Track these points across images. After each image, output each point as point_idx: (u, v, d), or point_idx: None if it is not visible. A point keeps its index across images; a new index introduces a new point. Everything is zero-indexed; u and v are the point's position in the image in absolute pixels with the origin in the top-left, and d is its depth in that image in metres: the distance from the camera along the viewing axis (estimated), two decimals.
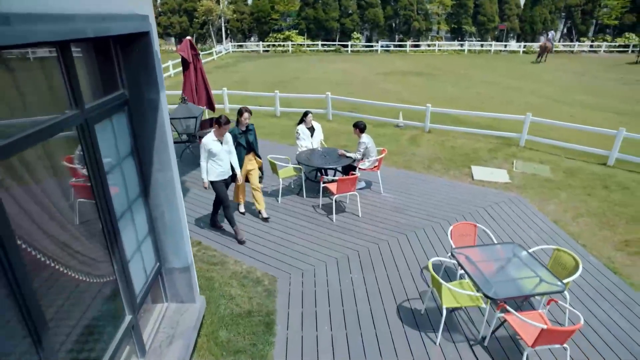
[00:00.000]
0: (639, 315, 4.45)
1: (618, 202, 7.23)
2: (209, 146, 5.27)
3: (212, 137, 5.30)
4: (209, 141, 5.27)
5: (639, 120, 12.71)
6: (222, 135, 5.34)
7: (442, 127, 11.43)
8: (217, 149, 5.33)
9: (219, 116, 5.23)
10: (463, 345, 3.96)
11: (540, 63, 29.28)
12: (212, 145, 5.28)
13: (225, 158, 5.44)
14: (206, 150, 5.29)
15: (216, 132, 5.30)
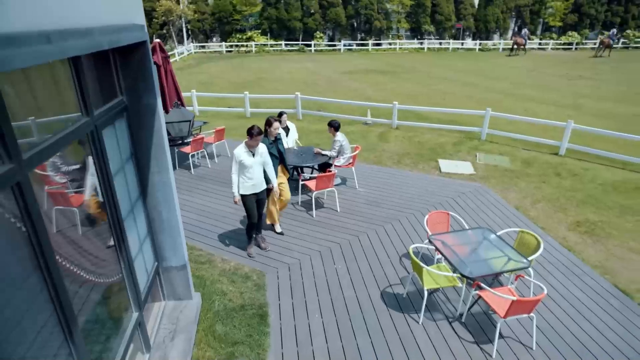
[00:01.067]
0: (591, 286, 5.02)
1: (569, 188, 7.94)
2: (240, 158, 4.95)
3: (243, 149, 4.98)
4: (240, 152, 4.96)
5: (581, 112, 13.77)
6: (254, 146, 5.00)
7: (408, 124, 11.94)
8: (249, 161, 4.99)
9: (251, 126, 4.89)
10: (443, 323, 4.34)
11: (512, 56, 32.15)
12: (243, 157, 4.95)
13: (258, 170, 5.10)
14: (237, 162, 4.99)
15: (248, 142, 4.97)
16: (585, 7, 39.30)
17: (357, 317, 4.43)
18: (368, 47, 36.06)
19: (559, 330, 4.29)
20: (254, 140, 4.93)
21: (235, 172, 5.04)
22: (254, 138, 4.90)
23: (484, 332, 4.22)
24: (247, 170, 5.02)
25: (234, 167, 5.04)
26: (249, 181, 5.08)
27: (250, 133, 4.88)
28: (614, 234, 6.35)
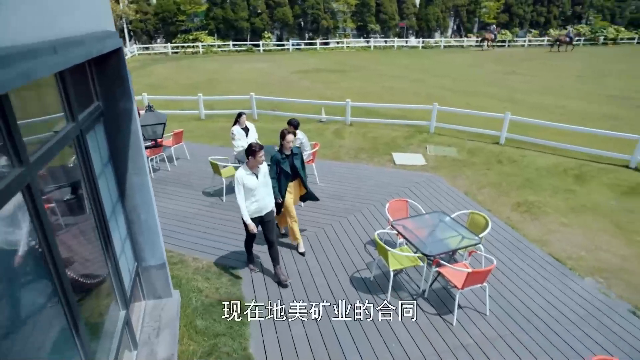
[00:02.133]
0: (532, 257, 5.69)
1: (509, 174, 8.74)
2: (244, 181, 4.53)
3: (245, 171, 4.55)
4: (243, 175, 4.53)
5: (516, 105, 14.99)
6: (257, 166, 4.56)
7: (362, 120, 12.44)
8: (253, 183, 4.57)
9: (250, 145, 4.48)
10: (408, 300, 4.76)
11: (483, 50, 35.93)
12: (247, 180, 4.53)
13: (263, 192, 4.71)
14: (241, 185, 4.55)
15: (250, 163, 4.51)
16: (514, 8, 42.29)
17: (329, 301, 4.73)
18: (316, 47, 36.56)
19: (507, 297, 4.85)
20: (256, 160, 4.48)
21: (242, 197, 4.58)
22: (257, 156, 4.45)
23: (445, 305, 4.68)
24: (252, 193, 4.62)
25: (239, 191, 4.56)
26: (254, 203, 4.68)
27: (252, 152, 4.43)
28: (548, 211, 7.13)
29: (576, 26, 43.77)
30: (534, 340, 4.24)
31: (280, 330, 4.31)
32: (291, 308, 4.58)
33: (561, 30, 41.38)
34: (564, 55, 32.79)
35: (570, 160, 9.47)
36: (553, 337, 4.29)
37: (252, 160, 4.48)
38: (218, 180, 7.64)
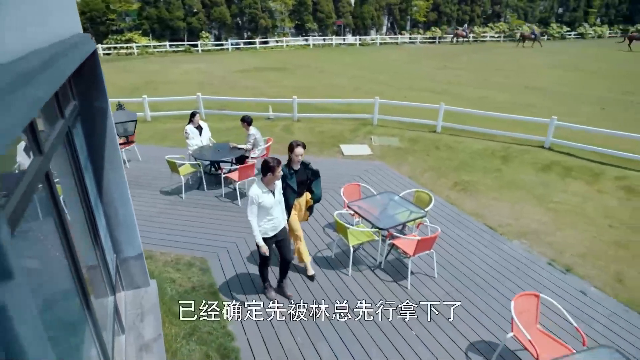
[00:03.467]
0: (470, 228, 6.51)
1: (446, 158, 9.67)
2: (260, 199, 4.19)
3: (261, 189, 4.21)
4: (259, 194, 4.18)
5: (450, 97, 16.28)
6: (273, 182, 4.27)
7: (309, 116, 12.93)
8: (270, 202, 4.24)
9: (266, 161, 4.14)
10: (367, 272, 5.33)
11: (454, 45, 38.62)
12: (263, 198, 4.20)
13: (278, 210, 4.41)
14: (256, 204, 4.21)
15: (267, 180, 4.19)
16: (442, 6, 44.97)
17: (296, 279, 5.17)
18: (256, 46, 36.53)
19: (451, 261, 5.58)
20: (275, 176, 4.18)
21: (254, 217, 4.25)
22: (276, 172, 4.15)
23: (399, 272, 5.30)
24: (268, 212, 4.29)
25: (251, 210, 4.23)
26: (268, 223, 4.35)
27: (270, 168, 4.10)
28: (481, 189, 8.07)
29: (497, 24, 47.50)
30: (474, 293, 4.97)
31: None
32: (261, 288, 4.95)
33: (525, 28, 45.05)
34: (488, 51, 35.58)
35: (497, 144, 10.63)
36: (489, 289, 5.06)
37: (269, 176, 4.15)
38: (176, 178, 7.76)
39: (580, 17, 50.62)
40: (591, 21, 51.25)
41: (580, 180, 8.56)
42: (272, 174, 4.13)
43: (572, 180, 8.54)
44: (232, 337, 4.27)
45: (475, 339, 4.32)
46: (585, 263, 5.74)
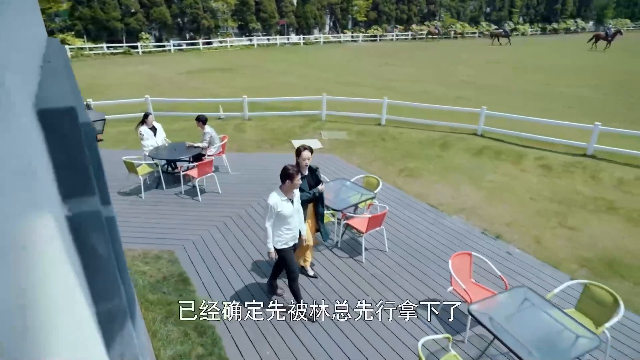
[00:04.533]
0: (415, 207, 7.24)
1: (392, 148, 10.45)
2: (279, 208, 4.10)
3: (280, 197, 4.13)
4: (278, 202, 4.10)
5: (393, 92, 17.27)
6: (292, 190, 4.21)
7: (259, 114, 13.27)
8: (289, 210, 4.16)
9: (285, 168, 4.08)
10: (326, 251, 5.85)
11: (427, 42, 40.20)
12: (282, 206, 4.11)
13: (297, 218, 4.35)
14: (274, 213, 4.12)
15: (286, 188, 4.12)
16: (381, 6, 46.71)
17: (263, 265, 5.58)
18: (199, 47, 35.97)
19: (400, 237, 6.25)
20: (294, 184, 4.10)
21: (270, 224, 4.18)
22: (295, 180, 4.07)
23: (354, 250, 5.87)
24: (287, 221, 4.20)
25: (269, 218, 4.17)
26: (288, 233, 4.27)
27: (289, 175, 4.04)
28: (424, 174, 8.88)
29: (432, 22, 50.12)
30: (420, 262, 5.66)
31: (225, 290, 5.04)
32: (230, 273, 5.32)
33: (495, 25, 47.59)
34: (425, 48, 37.57)
35: (437, 133, 11.59)
36: (433, 257, 5.77)
37: (288, 184, 4.09)
38: (133, 179, 7.84)
39: (505, 16, 54.69)
40: (515, 20, 55.51)
41: (507, 162, 9.66)
42: (290, 182, 4.06)
43: (500, 163, 9.61)
44: (206, 317, 4.61)
45: (422, 298, 4.98)
46: (511, 230, 6.65)
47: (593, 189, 8.25)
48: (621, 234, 6.59)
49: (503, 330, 3.49)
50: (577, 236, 6.52)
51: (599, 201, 7.71)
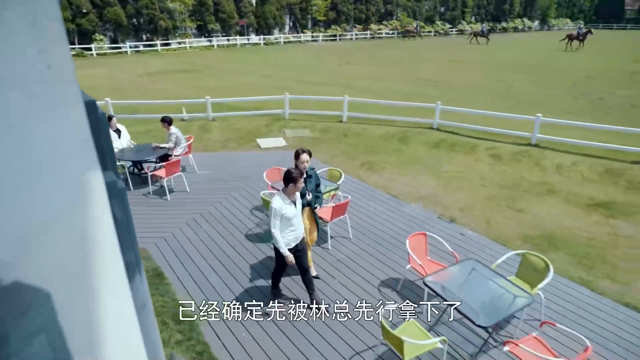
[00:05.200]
0: (377, 198, 7.70)
1: (355, 144, 10.91)
2: (283, 211, 4.23)
3: (283, 200, 4.27)
4: (282, 205, 4.23)
5: (353, 90, 17.81)
6: (294, 193, 4.37)
7: (223, 115, 13.39)
8: (292, 212, 4.31)
9: (289, 172, 4.23)
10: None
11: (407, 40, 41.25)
12: (286, 210, 4.26)
13: (299, 220, 4.50)
14: (278, 217, 4.24)
15: (289, 191, 4.26)
16: (340, 6, 47.44)
17: (234, 256, 5.84)
18: (157, 48, 35.24)
19: (363, 225, 6.67)
20: (297, 187, 4.26)
21: (277, 229, 4.30)
22: (298, 183, 4.24)
23: (321, 238, 6.22)
24: (290, 223, 4.35)
25: (274, 222, 4.26)
26: (291, 234, 4.41)
27: (293, 179, 4.19)
28: (386, 167, 9.38)
29: (390, 21, 51.44)
30: (382, 246, 6.11)
31: (199, 281, 5.27)
32: (203, 266, 5.54)
33: (476, 24, 48.81)
34: (385, 47, 38.59)
35: (396, 128, 12.18)
36: (394, 241, 6.23)
37: (291, 187, 4.24)
38: None
39: (458, 15, 56.95)
40: (467, 19, 57.92)
41: (462, 153, 10.35)
42: (293, 185, 4.21)
43: (455, 154, 10.29)
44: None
45: (384, 277, 5.41)
46: (465, 214, 7.23)
47: (537, 174, 9.03)
48: (559, 213, 7.33)
49: (454, 296, 3.95)
50: (522, 217, 7.19)
51: (541, 185, 8.48)
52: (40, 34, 0.83)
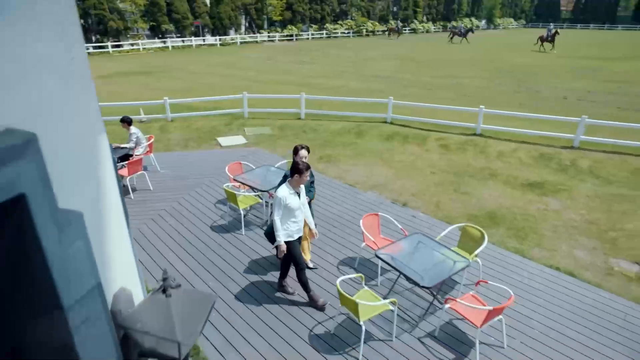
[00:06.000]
0: (336, 187, 8.17)
1: (313, 138, 11.34)
2: (287, 201, 4.33)
3: (288, 190, 4.38)
4: (286, 195, 4.34)
5: (311, 88, 18.25)
6: (299, 185, 4.50)
7: (182, 115, 13.43)
8: (296, 203, 4.41)
9: (296, 163, 4.40)
10: (257, 230, 6.50)
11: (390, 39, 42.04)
12: (290, 200, 4.35)
13: (301, 212, 4.57)
14: (282, 207, 4.34)
15: (294, 182, 4.40)
16: (295, 6, 47.82)
17: (202, 247, 6.10)
18: (109, 50, 34.15)
19: (322, 212, 7.11)
20: (302, 179, 4.37)
21: (279, 217, 4.38)
22: (304, 176, 4.36)
23: None
24: (294, 214, 4.46)
25: (277, 211, 4.37)
26: (293, 225, 4.51)
27: (299, 170, 4.32)
28: (342, 159, 9.88)
29: (345, 21, 52.42)
30: (341, 230, 6.57)
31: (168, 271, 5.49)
32: (172, 257, 5.77)
33: (455, 23, 49.70)
34: (340, 46, 39.36)
35: (352, 123, 12.73)
36: (351, 225, 6.71)
37: (297, 178, 4.36)
38: None
39: (410, 15, 58.89)
40: (419, 19, 60.03)
41: (414, 144, 11.04)
42: (299, 176, 4.33)
43: (408, 145, 10.96)
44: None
45: (342, 257, 5.87)
46: (416, 199, 7.84)
47: (481, 161, 9.84)
48: (499, 194, 8.10)
49: (403, 265, 4.46)
50: (468, 199, 7.89)
51: (485, 171, 9.27)
52: (65, 31, 1.17)
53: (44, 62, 1.03)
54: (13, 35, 0.91)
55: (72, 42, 1.14)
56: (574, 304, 4.97)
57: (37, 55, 0.99)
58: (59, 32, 1.08)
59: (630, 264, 5.85)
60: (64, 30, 1.09)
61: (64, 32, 1.09)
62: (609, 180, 8.74)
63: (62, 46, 1.09)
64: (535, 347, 4.33)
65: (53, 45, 1.06)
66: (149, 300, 1.48)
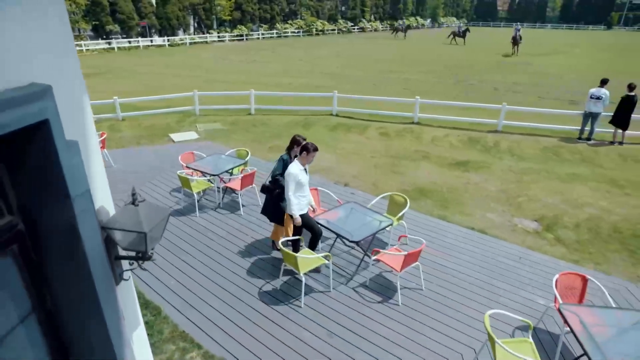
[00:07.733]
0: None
1: (263, 132, 11.97)
2: (298, 177, 4.78)
3: (298, 167, 4.83)
4: (297, 171, 4.79)
5: (260, 85, 18.81)
6: (307, 163, 4.96)
7: (133, 114, 13.58)
8: (305, 179, 4.87)
9: (306, 142, 4.88)
10: (211, 212, 7.07)
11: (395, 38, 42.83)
12: (301, 176, 4.83)
13: (308, 188, 5.12)
14: (294, 182, 4.78)
15: (303, 159, 4.85)
16: (244, 6, 47.92)
17: (191, 245, 6.57)
18: None
19: None
20: (310, 156, 4.84)
21: (292, 192, 4.84)
22: (311, 154, 4.83)
23: (234, 207, 7.20)
24: (302, 189, 4.93)
25: (290, 186, 4.81)
26: (303, 199, 5.01)
27: (307, 148, 4.81)
28: None
29: (295, 20, 53.13)
30: None
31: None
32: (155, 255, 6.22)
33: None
34: (290, 45, 40.03)
35: (300, 117, 13.47)
36: None
37: (304, 155, 4.84)
38: None
39: (358, 14, 60.60)
40: (367, 18, 61.90)
41: (356, 133, 11.95)
42: (306, 154, 4.83)
43: (351, 134, 11.85)
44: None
45: None
46: (357, 180, 8.69)
47: (416, 145, 10.90)
48: (430, 172, 9.13)
49: (337, 227, 5.23)
50: (402, 178, 8.85)
51: (419, 153, 10.31)
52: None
53: (44, 42, 1.64)
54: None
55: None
56: (481, 254, 5.98)
57: (42, 38, 1.59)
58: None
59: (530, 221, 7.00)
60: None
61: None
62: (522, 157, 10.06)
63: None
64: (448, 287, 5.26)
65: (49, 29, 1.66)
66: (123, 209, 2.07)
